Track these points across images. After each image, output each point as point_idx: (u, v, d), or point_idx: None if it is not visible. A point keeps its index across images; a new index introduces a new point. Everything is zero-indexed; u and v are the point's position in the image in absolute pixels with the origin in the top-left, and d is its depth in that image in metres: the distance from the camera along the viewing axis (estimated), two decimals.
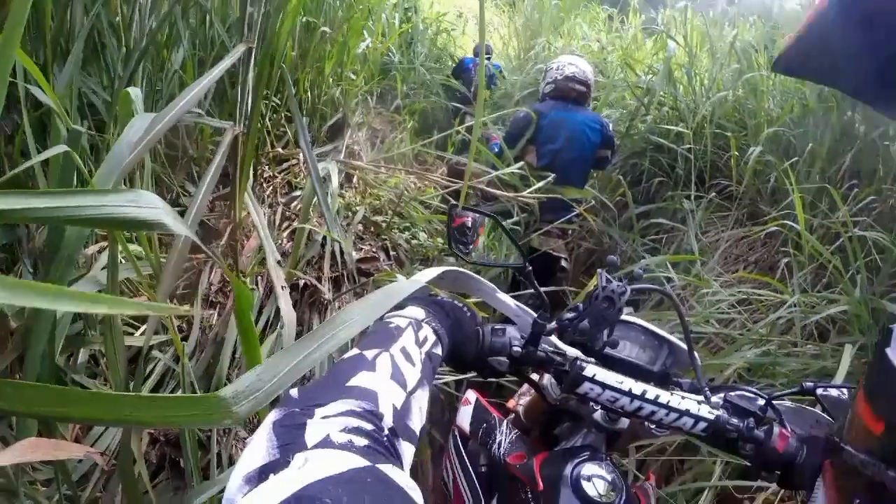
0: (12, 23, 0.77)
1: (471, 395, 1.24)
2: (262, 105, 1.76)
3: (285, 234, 2.14)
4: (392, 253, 2.42)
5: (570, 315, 0.94)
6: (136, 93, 1.07)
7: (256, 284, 1.82)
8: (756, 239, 3.08)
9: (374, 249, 2.32)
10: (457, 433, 1.21)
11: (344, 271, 2.08)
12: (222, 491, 1.22)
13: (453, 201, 1.21)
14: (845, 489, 0.58)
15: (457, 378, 1.82)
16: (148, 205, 0.54)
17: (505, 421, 1.16)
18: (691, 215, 3.29)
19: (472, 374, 1.56)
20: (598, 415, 1.02)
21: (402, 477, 0.44)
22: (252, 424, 1.61)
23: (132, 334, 1.48)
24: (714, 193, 3.45)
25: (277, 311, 1.74)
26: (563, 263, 3.06)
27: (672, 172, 3.73)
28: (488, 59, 5.74)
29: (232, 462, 1.48)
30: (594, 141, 3.24)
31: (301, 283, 1.93)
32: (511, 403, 1.27)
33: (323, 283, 1.97)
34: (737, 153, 3.32)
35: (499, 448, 1.09)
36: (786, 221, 2.67)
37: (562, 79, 3.28)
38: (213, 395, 0.45)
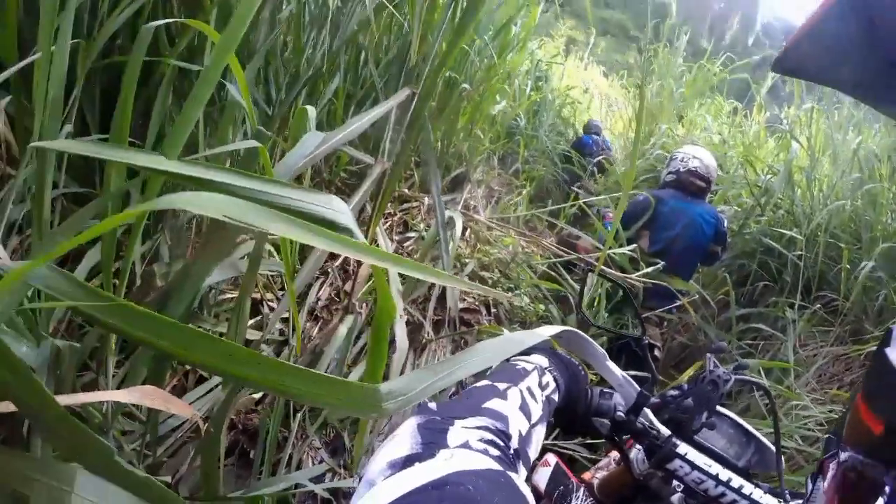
0: (231, 32, 0.89)
1: (551, 457, 1.26)
2: None
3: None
4: (493, 310, 2.47)
5: (674, 392, 0.96)
6: (311, 111, 1.18)
7: (362, 308, 1.91)
8: (855, 358, 2.95)
9: (476, 303, 2.38)
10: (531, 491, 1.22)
11: (446, 317, 2.14)
12: (287, 489, 1.29)
13: (587, 268, 1.25)
14: (845, 490, 0.56)
15: None
16: (339, 210, 0.62)
17: (582, 487, 1.17)
18: (792, 325, 3.21)
19: (549, 439, 1.55)
20: (675, 498, 1.02)
21: (525, 487, 0.49)
22: (327, 437, 1.67)
23: None
24: (819, 305, 3.35)
25: None
26: (657, 353, 3.01)
27: (779, 278, 3.64)
28: (598, 136, 5.82)
29: (300, 466, 1.53)
30: (708, 234, 3.22)
31: (405, 318, 2.00)
32: (587, 476, 1.27)
33: (426, 323, 2.04)
34: (848, 266, 3.22)
35: None
36: None
37: (684, 171, 3.29)
38: (373, 387, 0.50)
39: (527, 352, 0.84)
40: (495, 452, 0.53)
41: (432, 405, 0.59)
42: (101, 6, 1.33)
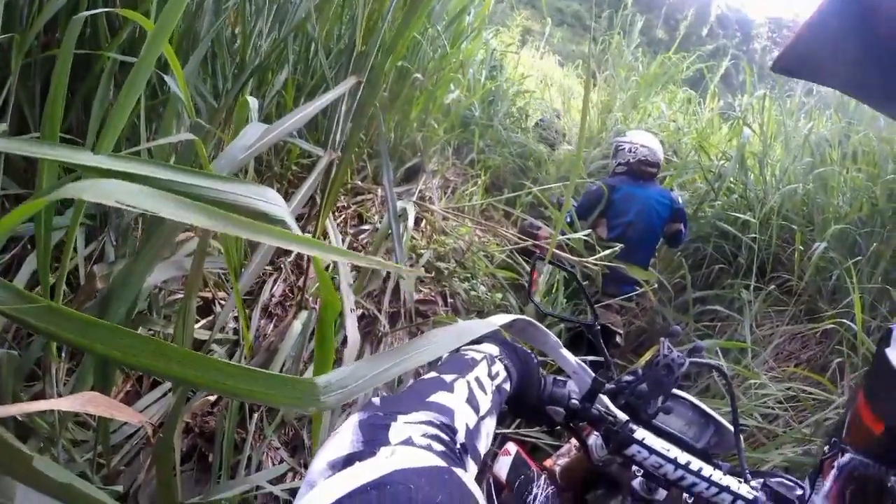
0: (164, 21, 0.85)
1: (511, 446, 1.26)
2: None
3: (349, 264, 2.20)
4: (450, 300, 2.45)
5: (628, 378, 0.96)
6: (253, 102, 1.14)
7: (316, 304, 1.87)
8: (811, 336, 3.02)
9: (433, 294, 2.37)
10: (492, 481, 1.22)
11: (402, 309, 2.12)
12: (247, 491, 1.25)
13: (539, 254, 1.24)
14: (844, 489, 0.56)
15: (496, 431, 1.82)
16: (273, 202, 0.59)
17: (544, 475, 1.16)
18: (748, 306, 3.26)
19: (510, 427, 1.54)
20: (636, 482, 1.02)
21: (473, 484, 0.47)
22: (286, 437, 1.64)
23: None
24: (774, 286, 3.42)
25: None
26: (618, 339, 3.05)
27: (734, 261, 3.71)
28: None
29: (261, 468, 1.51)
30: (663, 216, 3.28)
31: (359, 312, 1.97)
32: (548, 463, 1.28)
33: (381, 316, 2.01)
34: (801, 248, 3.30)
35: (534, 500, 1.09)
36: (843, 321, 2.64)
37: (635, 162, 3.34)
38: (310, 380, 0.48)
39: (477, 341, 0.83)
40: (440, 448, 0.52)
41: (376, 400, 0.58)
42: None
